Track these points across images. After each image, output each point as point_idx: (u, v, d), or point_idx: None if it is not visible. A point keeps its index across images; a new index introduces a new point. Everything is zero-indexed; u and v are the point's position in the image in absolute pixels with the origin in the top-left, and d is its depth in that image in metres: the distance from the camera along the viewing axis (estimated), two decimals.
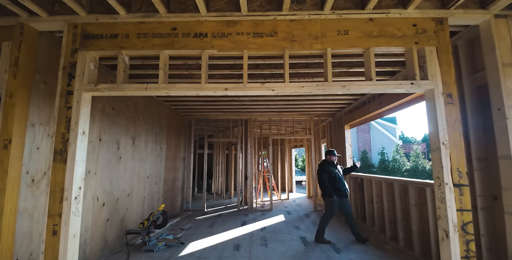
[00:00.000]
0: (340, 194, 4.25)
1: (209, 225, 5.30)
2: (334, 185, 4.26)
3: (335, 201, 4.21)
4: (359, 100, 5.38)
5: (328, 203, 4.28)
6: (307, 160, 9.49)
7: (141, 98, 4.66)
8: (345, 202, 4.31)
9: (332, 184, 4.27)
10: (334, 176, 4.30)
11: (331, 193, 4.20)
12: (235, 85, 2.25)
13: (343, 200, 4.29)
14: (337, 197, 4.23)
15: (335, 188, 4.25)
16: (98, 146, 3.47)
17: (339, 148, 6.54)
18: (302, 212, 6.55)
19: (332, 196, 4.19)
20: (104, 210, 3.61)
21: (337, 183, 4.27)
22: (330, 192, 4.21)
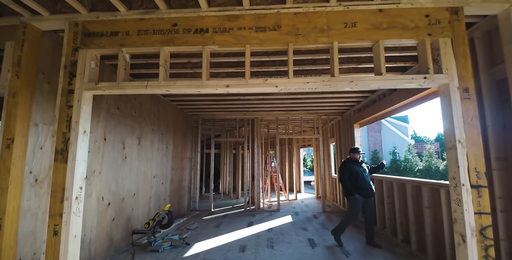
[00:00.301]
0: (362, 193, 4.05)
1: (215, 225, 5.25)
2: (356, 184, 4.08)
3: (357, 200, 4.03)
4: (368, 98, 5.21)
5: (351, 202, 4.12)
6: (315, 160, 9.33)
7: (146, 98, 4.65)
8: (369, 202, 4.13)
9: (354, 183, 4.10)
10: (356, 174, 4.11)
11: (352, 192, 4.04)
12: (236, 82, 2.17)
13: (367, 201, 4.11)
14: (360, 196, 4.05)
15: (357, 186, 4.07)
16: (103, 146, 3.46)
17: (348, 147, 6.37)
18: (310, 213, 6.42)
19: (352, 195, 4.03)
20: (109, 209, 3.60)
21: (359, 182, 4.08)
22: (350, 190, 4.05)
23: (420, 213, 3.76)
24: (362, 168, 4.22)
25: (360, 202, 4.04)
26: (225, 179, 9.91)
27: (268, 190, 8.22)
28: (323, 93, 5.01)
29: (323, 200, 6.68)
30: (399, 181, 4.27)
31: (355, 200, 4.03)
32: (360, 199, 4.04)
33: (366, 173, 4.21)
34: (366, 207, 4.07)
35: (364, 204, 4.07)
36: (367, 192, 4.05)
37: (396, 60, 3.51)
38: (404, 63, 3.55)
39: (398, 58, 3.48)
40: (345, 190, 4.15)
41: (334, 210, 6.58)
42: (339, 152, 7.02)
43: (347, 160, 4.34)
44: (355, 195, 4.02)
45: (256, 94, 5.09)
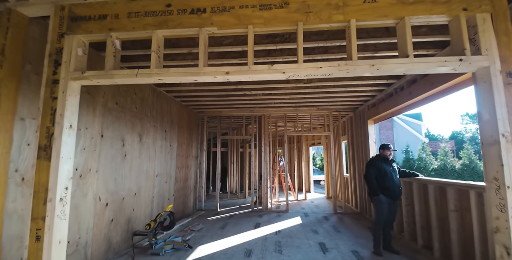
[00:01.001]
0: (389, 194, 3.68)
1: (220, 226, 5.02)
2: (383, 184, 3.73)
3: (382, 201, 3.68)
4: (384, 91, 4.84)
5: (376, 204, 3.77)
6: (325, 158, 8.97)
7: (148, 93, 4.44)
8: (394, 205, 3.78)
9: (380, 182, 3.75)
10: (384, 173, 3.75)
11: (377, 191, 3.69)
12: (238, 68, 1.89)
13: (393, 203, 3.76)
14: (386, 198, 3.70)
15: (384, 187, 3.72)
16: (100, 143, 3.26)
17: (361, 145, 6.01)
18: (321, 214, 6.10)
19: (377, 195, 3.68)
20: (108, 210, 3.40)
21: (387, 182, 3.71)
22: (375, 190, 3.70)
23: (444, 217, 3.40)
24: (391, 168, 3.86)
25: (385, 203, 3.70)
26: (232, 178, 9.68)
27: (276, 190, 7.94)
28: (335, 86, 4.68)
29: (334, 200, 6.35)
30: (420, 182, 3.91)
31: (379, 201, 3.69)
32: (385, 200, 3.70)
33: (396, 173, 3.86)
34: (389, 210, 3.73)
35: (388, 206, 3.73)
36: (394, 194, 3.70)
37: (416, 47, 3.15)
38: (427, 50, 3.18)
39: (418, 45, 3.12)
40: (369, 189, 3.81)
41: (346, 211, 6.24)
42: (351, 150, 6.66)
43: (376, 157, 3.99)
44: (380, 195, 3.68)
45: (263, 88, 4.81)
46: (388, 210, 3.72)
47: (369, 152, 5.55)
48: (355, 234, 4.53)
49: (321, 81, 4.37)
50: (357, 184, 6.37)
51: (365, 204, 5.89)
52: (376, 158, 4.00)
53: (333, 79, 4.33)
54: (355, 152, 6.38)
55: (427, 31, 2.74)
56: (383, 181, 3.77)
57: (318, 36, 2.94)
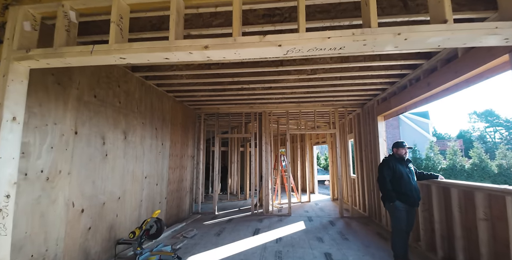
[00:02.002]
0: (406, 199, 3.22)
1: (216, 232, 4.59)
2: (399, 188, 3.27)
3: (399, 208, 3.21)
4: (396, 84, 4.36)
5: (392, 212, 3.30)
6: (330, 158, 8.51)
7: (135, 87, 4.03)
8: (412, 212, 3.32)
9: (396, 186, 3.29)
10: (400, 175, 3.28)
11: (392, 197, 3.21)
12: (220, 41, 1.45)
13: (411, 210, 3.29)
14: (402, 204, 3.22)
15: (400, 191, 3.25)
16: (73, 141, 2.86)
17: (370, 144, 5.53)
18: (326, 219, 5.64)
19: (393, 201, 3.21)
20: (84, 217, 3.00)
21: (403, 185, 3.25)
22: (390, 195, 3.23)
23: (471, 226, 2.93)
24: (408, 169, 3.39)
25: (402, 211, 3.23)
26: (233, 179, 9.26)
27: (278, 191, 7.50)
28: (341, 78, 4.22)
29: (340, 203, 5.88)
30: (440, 184, 3.43)
31: (396, 209, 3.22)
32: (402, 207, 3.23)
33: (413, 175, 3.39)
34: (407, 217, 3.27)
35: (406, 214, 3.26)
36: (412, 199, 3.23)
37: None
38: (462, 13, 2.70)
39: None
40: (383, 194, 3.34)
41: (353, 215, 5.77)
42: (359, 149, 6.18)
43: (389, 157, 3.52)
44: (396, 202, 3.22)
45: (261, 80, 4.36)
46: (406, 218, 3.25)
47: (378, 151, 5.08)
48: (364, 242, 4.07)
49: (327, 72, 3.91)
50: (365, 185, 5.89)
51: (374, 208, 5.42)
52: (389, 158, 3.53)
53: (340, 70, 3.87)
54: (363, 152, 5.91)
55: None
56: (399, 185, 3.30)
57: (323, 14, 2.49)
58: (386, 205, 3.39)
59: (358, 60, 3.52)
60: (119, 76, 3.65)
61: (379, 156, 5.06)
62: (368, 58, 3.50)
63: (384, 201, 3.40)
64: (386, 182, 3.34)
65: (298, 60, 3.58)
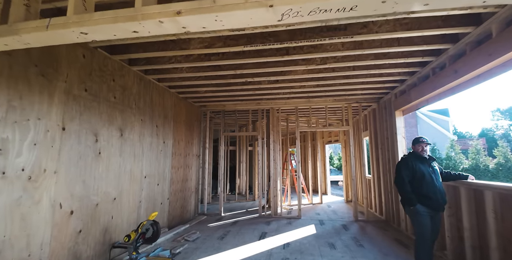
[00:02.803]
0: (429, 203, 2.83)
1: (220, 236, 4.31)
2: (420, 190, 2.88)
3: (421, 213, 2.82)
4: (417, 74, 3.92)
5: (413, 217, 2.91)
6: (343, 157, 8.06)
7: (132, 81, 3.82)
8: (437, 217, 2.92)
9: (417, 188, 2.90)
10: (421, 175, 2.90)
11: (412, 200, 2.82)
12: (196, 4, 1.14)
13: (435, 215, 2.89)
14: (425, 208, 2.83)
15: (421, 193, 2.86)
16: (60, 137, 2.65)
17: (387, 141, 5.09)
18: (339, 222, 5.25)
19: (413, 205, 2.82)
20: (73, 219, 2.79)
21: (425, 187, 2.86)
22: (410, 198, 2.85)
23: (509, 236, 2.49)
24: (431, 168, 2.99)
25: (425, 216, 2.83)
26: (241, 179, 8.99)
27: (288, 192, 7.14)
28: (354, 68, 3.83)
29: (354, 205, 5.47)
30: (471, 186, 2.99)
31: (417, 213, 2.83)
32: (424, 212, 2.83)
33: (437, 176, 2.98)
34: (431, 223, 2.86)
35: (430, 220, 2.86)
36: (436, 202, 2.83)
37: None
38: None
39: None
40: (402, 197, 2.96)
41: (368, 219, 5.35)
42: (375, 147, 5.74)
43: (409, 155, 3.13)
44: (417, 206, 2.82)
45: (266, 73, 4.05)
46: (430, 224, 2.85)
47: (396, 150, 4.64)
48: (382, 249, 3.67)
49: (338, 61, 3.54)
50: (381, 186, 5.45)
51: (392, 211, 4.97)
52: (409, 156, 3.13)
53: (353, 58, 3.49)
54: (379, 150, 5.47)
55: None
56: (420, 187, 2.90)
57: None
58: (406, 209, 3.00)
59: (374, 46, 3.14)
60: (114, 69, 3.44)
61: (397, 154, 4.62)
62: (385, 43, 3.12)
63: (404, 204, 3.00)
64: (405, 183, 2.95)
65: (306, 48, 3.24)
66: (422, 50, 3.37)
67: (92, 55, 3.08)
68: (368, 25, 2.81)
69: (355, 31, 2.83)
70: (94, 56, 3.11)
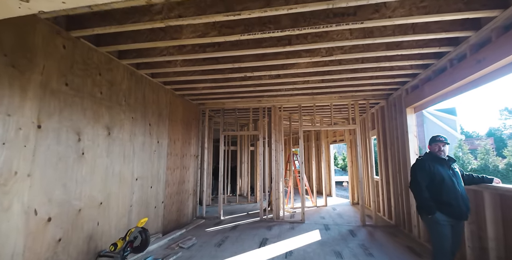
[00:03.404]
0: (450, 211, 2.51)
1: (217, 242, 4.02)
2: (439, 195, 2.55)
3: (440, 223, 2.49)
4: (431, 66, 3.58)
5: (431, 226, 2.59)
6: (349, 157, 7.72)
7: (122, 76, 3.54)
8: (458, 227, 2.59)
9: (435, 193, 2.57)
10: (441, 179, 2.57)
11: (431, 208, 2.50)
12: None
13: (457, 224, 2.56)
14: (445, 217, 2.50)
15: (441, 200, 2.53)
16: (35, 136, 2.38)
17: (397, 141, 4.76)
18: (345, 227, 4.92)
19: (432, 213, 2.49)
20: (52, 227, 2.52)
21: (445, 192, 2.53)
22: (428, 205, 2.52)
23: None
24: (451, 171, 2.66)
25: (445, 226, 2.51)
26: (243, 180, 8.69)
27: (291, 194, 6.83)
28: (362, 61, 3.51)
29: (362, 209, 5.13)
30: (497, 191, 2.65)
31: (436, 223, 2.51)
32: (445, 221, 2.51)
33: (459, 179, 2.65)
34: (452, 234, 2.54)
35: (451, 230, 2.53)
36: (458, 210, 2.51)
37: None
38: None
39: None
40: (418, 204, 2.64)
41: (377, 223, 5.01)
42: (383, 147, 5.41)
43: (425, 156, 2.81)
44: (437, 214, 2.50)
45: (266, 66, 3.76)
46: (450, 234, 2.52)
47: (408, 150, 4.30)
48: (393, 258, 3.35)
49: (345, 52, 3.22)
50: (390, 189, 5.11)
51: (403, 215, 4.63)
52: (425, 157, 2.81)
53: (362, 49, 3.17)
54: (389, 150, 5.13)
55: None
56: (440, 192, 2.58)
57: None
58: (423, 217, 2.67)
59: (386, 34, 2.81)
60: (100, 62, 3.16)
61: (408, 155, 4.28)
62: (399, 31, 2.79)
63: (421, 212, 2.68)
64: (421, 188, 2.62)
65: (310, 37, 2.93)
66: (439, 39, 3.04)
67: (74, 45, 2.81)
68: (381, 10, 2.49)
69: (366, 16, 2.51)
70: (76, 47, 2.84)
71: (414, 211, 4.16)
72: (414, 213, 4.18)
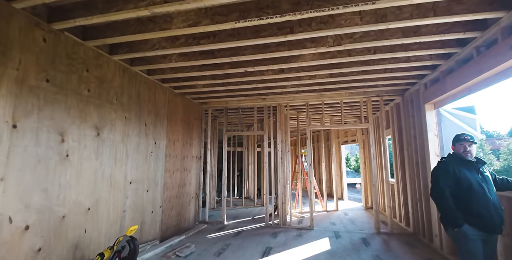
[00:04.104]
0: (480, 223, 2.12)
1: (218, 250, 3.73)
2: (467, 204, 2.17)
3: (469, 237, 2.11)
4: (454, 56, 3.16)
5: (459, 241, 2.20)
6: (362, 159, 7.27)
7: (113, 72, 3.32)
8: (491, 242, 2.19)
9: (462, 202, 2.19)
10: (468, 185, 2.19)
11: (457, 220, 2.12)
12: None
13: (489, 238, 2.17)
14: (475, 230, 2.13)
15: (469, 210, 2.15)
16: (9, 137, 2.16)
17: (415, 141, 4.33)
18: (358, 235, 4.52)
19: (459, 226, 2.12)
20: (30, 236, 2.30)
21: (475, 200, 2.15)
22: (454, 217, 2.15)
23: None
24: (480, 175, 2.27)
25: (474, 240, 2.12)
26: (250, 182, 8.39)
27: (299, 197, 6.46)
28: (375, 51, 3.14)
29: (376, 214, 4.71)
30: None
31: (463, 237, 2.13)
32: (474, 235, 2.12)
33: (490, 185, 2.25)
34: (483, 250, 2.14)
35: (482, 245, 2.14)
36: (491, 222, 2.12)
37: None
38: None
39: None
40: (442, 215, 2.27)
41: (393, 231, 4.59)
42: (399, 148, 4.98)
43: (448, 158, 2.43)
44: (464, 227, 2.12)
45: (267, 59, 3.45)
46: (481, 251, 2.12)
47: (427, 150, 3.87)
48: None
49: (355, 41, 2.87)
50: (408, 193, 4.67)
51: (422, 222, 4.20)
52: (449, 160, 2.42)
53: (375, 37, 2.80)
54: (405, 151, 4.70)
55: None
56: (468, 201, 2.19)
57: None
58: (449, 231, 2.28)
59: (402, 18, 2.45)
60: (87, 58, 2.95)
61: (428, 156, 3.86)
62: (417, 13, 2.42)
63: (446, 225, 2.29)
64: (445, 196, 2.24)
65: (314, 23, 2.59)
66: (464, 23, 2.64)
67: (56, 39, 2.60)
68: None
69: None
70: (59, 40, 2.63)
71: (436, 218, 3.73)
72: (436, 220, 3.75)
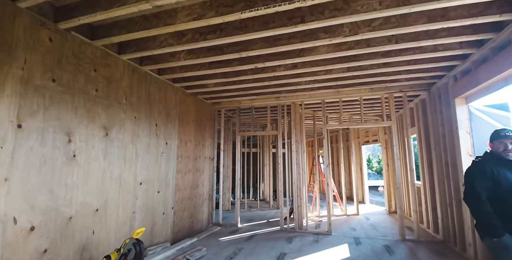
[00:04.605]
0: None
1: (229, 255, 3.58)
2: (507, 210, 1.90)
3: (509, 248, 1.81)
4: (489, 43, 2.80)
5: (497, 252, 1.91)
6: (385, 160, 6.84)
7: (122, 72, 3.29)
8: None
9: (502, 207, 1.91)
10: (508, 188, 1.92)
11: (496, 229, 1.85)
12: None
13: None
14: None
15: (510, 217, 1.87)
16: (14, 137, 2.14)
17: (443, 139, 3.95)
18: (380, 242, 4.18)
19: (498, 235, 1.84)
20: (35, 237, 2.27)
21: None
22: (492, 225, 1.87)
23: None
24: None
25: None
26: (265, 184, 8.19)
27: (316, 200, 6.18)
28: (397, 41, 2.86)
29: (400, 220, 4.35)
30: None
31: (503, 248, 1.83)
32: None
33: None
34: None
35: None
36: None
37: None
38: None
39: None
40: (477, 221, 1.99)
41: (419, 238, 4.20)
42: (426, 148, 4.58)
43: (484, 157, 2.13)
44: (505, 236, 1.82)
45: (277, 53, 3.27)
46: None
47: (458, 150, 3.50)
48: None
49: (374, 30, 2.61)
50: (436, 197, 4.27)
51: (453, 229, 3.80)
52: (484, 159, 2.11)
53: (396, 24, 2.53)
54: (433, 151, 4.30)
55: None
56: (508, 205, 1.88)
57: None
58: (486, 240, 1.97)
59: None
60: (95, 57, 2.92)
61: (459, 156, 3.48)
62: None
63: (482, 233, 1.98)
64: (481, 200, 1.94)
65: (327, 11, 2.38)
66: (500, 4, 2.31)
67: (62, 38, 2.58)
68: None
69: None
70: (65, 40, 2.61)
71: (469, 225, 3.34)
72: (469, 227, 3.36)
